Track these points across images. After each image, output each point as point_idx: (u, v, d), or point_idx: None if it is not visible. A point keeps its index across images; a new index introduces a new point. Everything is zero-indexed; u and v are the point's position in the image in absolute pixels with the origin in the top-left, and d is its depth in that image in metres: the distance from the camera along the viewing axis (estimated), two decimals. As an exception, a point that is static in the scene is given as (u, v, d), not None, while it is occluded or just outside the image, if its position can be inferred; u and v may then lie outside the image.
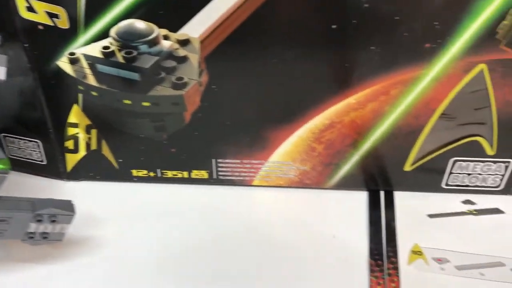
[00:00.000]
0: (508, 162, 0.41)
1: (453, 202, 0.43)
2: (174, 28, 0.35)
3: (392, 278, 0.36)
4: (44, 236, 0.34)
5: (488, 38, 0.34)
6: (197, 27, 0.35)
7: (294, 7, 0.34)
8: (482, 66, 0.35)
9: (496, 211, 0.42)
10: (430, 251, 0.38)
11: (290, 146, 0.41)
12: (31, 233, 0.33)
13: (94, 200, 0.43)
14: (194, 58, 0.36)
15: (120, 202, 0.43)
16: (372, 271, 0.37)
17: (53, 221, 0.33)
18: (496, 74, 0.36)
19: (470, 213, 0.42)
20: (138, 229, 0.41)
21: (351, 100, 0.38)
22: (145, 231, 0.41)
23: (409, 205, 0.42)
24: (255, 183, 0.44)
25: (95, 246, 0.39)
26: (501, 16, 0.33)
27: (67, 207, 0.34)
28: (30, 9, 0.35)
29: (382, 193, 0.44)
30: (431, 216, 0.41)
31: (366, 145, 0.41)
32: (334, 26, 0.34)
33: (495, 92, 0.37)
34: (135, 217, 0.42)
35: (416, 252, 0.38)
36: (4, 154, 0.34)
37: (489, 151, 0.40)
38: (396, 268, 0.37)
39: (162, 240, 0.40)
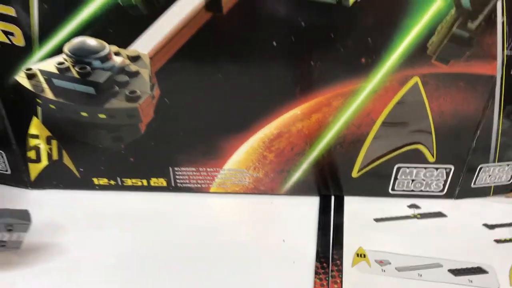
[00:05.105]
0: (449, 168, 0.43)
1: (399, 206, 0.45)
2: (125, 45, 0.37)
3: (335, 279, 0.38)
4: (2, 244, 0.36)
5: (420, 53, 0.36)
6: (146, 44, 0.37)
7: (236, 25, 0.35)
8: (416, 79, 0.38)
9: (439, 214, 0.44)
10: (373, 253, 0.40)
11: (243, 155, 0.43)
12: (-11, 242, 0.35)
13: (57, 208, 0.45)
14: (145, 73, 0.38)
15: (82, 210, 0.45)
16: (317, 273, 0.39)
17: (10, 230, 0.35)
18: (429, 87, 0.38)
19: (414, 217, 0.44)
20: (98, 236, 0.42)
21: (296, 111, 0.40)
22: (105, 238, 0.42)
23: (357, 209, 0.45)
24: (212, 190, 0.46)
25: (55, 253, 0.41)
26: (430, 33, 0.35)
27: (24, 216, 0.36)
28: (-13, 27, 0.37)
29: (332, 198, 0.46)
30: (377, 220, 0.43)
31: (314, 153, 0.43)
32: (274, 43, 0.36)
33: (430, 103, 0.39)
34: (96, 224, 0.44)
35: (360, 255, 0.40)
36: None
37: (430, 158, 0.42)
38: (340, 271, 0.39)
39: (122, 247, 0.41)
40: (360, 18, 0.34)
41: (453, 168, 0.43)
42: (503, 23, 0.34)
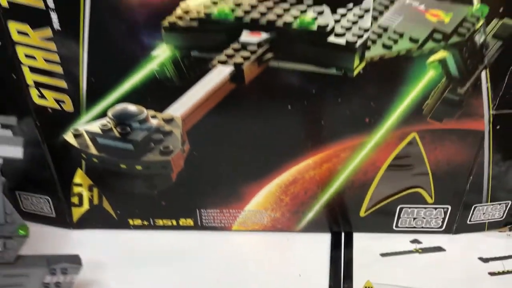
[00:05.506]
0: (447, 207, 0.48)
1: (402, 241, 0.50)
2: (160, 110, 0.43)
3: (346, 311, 0.43)
4: (58, 285, 0.41)
5: (416, 113, 0.41)
6: (179, 108, 0.42)
7: (256, 92, 0.41)
8: (414, 134, 0.43)
9: (438, 249, 0.49)
10: (380, 286, 0.45)
11: (262, 198, 0.49)
12: (47, 283, 0.41)
13: (97, 246, 0.50)
14: (177, 132, 0.44)
15: (119, 247, 0.51)
16: (330, 306, 0.44)
17: (64, 273, 0.41)
18: (426, 140, 0.43)
19: (416, 251, 0.49)
20: (135, 271, 0.48)
21: (309, 161, 0.45)
22: (141, 273, 0.48)
23: (365, 245, 0.50)
24: (234, 228, 0.52)
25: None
26: (425, 97, 0.41)
27: (75, 260, 0.41)
28: (41, 96, 0.42)
29: (343, 235, 0.51)
30: (383, 255, 0.49)
31: (326, 196, 0.48)
32: (289, 107, 0.41)
33: (427, 154, 0.44)
34: (132, 261, 0.49)
35: (368, 288, 0.45)
36: (23, 220, 0.42)
37: (429, 199, 0.47)
38: (350, 303, 0.44)
39: (157, 281, 0.47)
40: (363, 86, 0.40)
41: (450, 208, 0.48)
42: (487, 88, 0.40)
